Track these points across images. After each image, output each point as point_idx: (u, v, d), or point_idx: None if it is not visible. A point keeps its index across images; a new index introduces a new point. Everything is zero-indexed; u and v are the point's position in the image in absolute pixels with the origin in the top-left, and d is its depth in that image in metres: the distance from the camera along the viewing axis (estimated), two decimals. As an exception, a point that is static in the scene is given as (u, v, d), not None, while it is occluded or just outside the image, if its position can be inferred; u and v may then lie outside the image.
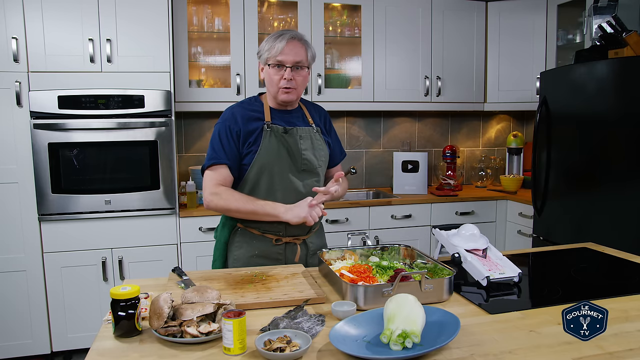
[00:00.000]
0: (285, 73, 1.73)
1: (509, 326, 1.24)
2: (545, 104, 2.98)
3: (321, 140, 1.88)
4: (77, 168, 2.79)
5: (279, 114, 1.83)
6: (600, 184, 2.64)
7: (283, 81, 1.74)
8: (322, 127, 1.93)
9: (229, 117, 1.79)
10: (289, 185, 1.79)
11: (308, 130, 1.84)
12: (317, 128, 1.87)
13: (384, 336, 1.10)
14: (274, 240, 1.82)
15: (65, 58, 2.75)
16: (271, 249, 1.83)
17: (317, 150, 1.85)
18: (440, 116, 4.04)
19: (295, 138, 1.80)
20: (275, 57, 1.73)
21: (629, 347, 1.12)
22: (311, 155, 1.83)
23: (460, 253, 1.59)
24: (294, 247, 1.85)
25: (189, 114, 3.47)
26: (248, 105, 1.85)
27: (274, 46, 1.73)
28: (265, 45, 1.76)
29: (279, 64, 1.73)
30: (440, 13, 3.59)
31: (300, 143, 1.81)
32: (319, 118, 1.94)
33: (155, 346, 1.14)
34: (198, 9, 3.29)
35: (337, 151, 2.01)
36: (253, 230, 1.83)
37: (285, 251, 1.85)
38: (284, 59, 1.73)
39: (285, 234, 1.83)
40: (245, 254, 1.83)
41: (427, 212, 3.40)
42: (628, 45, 2.63)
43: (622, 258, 1.86)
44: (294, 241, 1.84)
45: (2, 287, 2.79)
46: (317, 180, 1.87)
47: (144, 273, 2.89)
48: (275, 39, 1.74)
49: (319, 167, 1.86)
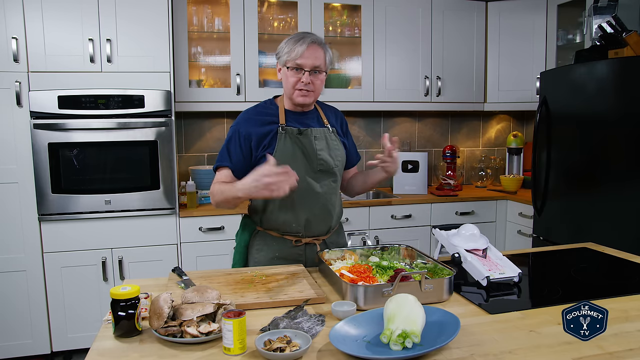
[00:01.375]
0: (304, 77, 1.74)
1: (509, 326, 1.24)
2: (545, 104, 2.98)
3: (337, 140, 1.87)
4: (77, 168, 2.79)
5: (294, 116, 1.83)
6: (600, 184, 2.64)
7: (300, 84, 1.75)
8: (338, 128, 1.92)
9: (241, 120, 1.81)
10: (305, 186, 1.78)
11: (323, 131, 1.84)
12: (332, 128, 1.87)
13: (384, 336, 1.10)
14: (294, 241, 1.82)
15: (65, 58, 2.75)
16: (291, 250, 1.82)
17: (332, 150, 1.84)
18: (440, 116, 4.04)
19: (310, 139, 1.80)
20: (295, 60, 1.73)
21: (629, 347, 1.12)
22: (327, 156, 1.82)
23: (460, 253, 1.60)
24: (314, 248, 1.84)
25: (189, 114, 3.47)
26: (263, 108, 1.85)
27: (294, 49, 1.73)
28: (285, 48, 1.76)
29: (297, 67, 1.74)
30: (440, 13, 3.59)
31: (316, 144, 1.80)
32: (334, 119, 1.93)
33: (155, 346, 1.14)
34: (198, 9, 3.29)
35: (354, 153, 2.02)
36: (272, 233, 1.83)
37: (306, 252, 1.84)
38: (303, 62, 1.73)
39: (305, 235, 1.82)
40: (266, 256, 1.83)
41: (427, 212, 3.40)
42: (628, 45, 2.63)
43: (622, 258, 1.86)
44: (313, 241, 1.84)
45: (2, 287, 2.79)
46: (334, 180, 1.86)
47: (144, 273, 2.89)
48: (295, 42, 1.74)
49: (335, 167, 1.85)
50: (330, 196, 1.83)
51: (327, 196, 1.82)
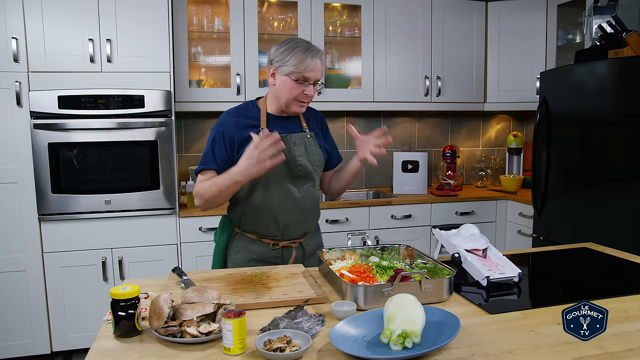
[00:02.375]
0: (308, 89, 1.76)
1: (509, 326, 1.24)
2: (545, 104, 2.98)
3: (315, 145, 1.88)
4: (77, 168, 2.79)
5: (276, 120, 1.84)
6: (600, 184, 2.64)
7: (303, 96, 1.77)
8: (319, 131, 1.94)
9: (223, 122, 1.80)
10: (284, 192, 1.80)
11: (302, 136, 1.85)
12: (311, 133, 1.89)
13: (384, 336, 1.10)
14: (271, 244, 1.85)
15: (65, 58, 2.75)
16: (268, 253, 1.85)
17: (311, 155, 1.86)
18: (440, 116, 4.04)
19: (290, 145, 1.81)
20: (302, 73, 1.73)
21: (629, 347, 1.12)
22: (306, 162, 1.83)
23: (460, 253, 1.59)
24: (291, 251, 1.87)
25: (189, 114, 3.47)
26: (244, 110, 1.85)
27: (303, 62, 1.72)
28: (291, 58, 1.72)
29: (303, 79, 1.74)
30: (440, 13, 3.59)
31: (295, 150, 1.81)
32: (315, 122, 1.95)
33: (155, 346, 1.14)
34: (198, 9, 3.29)
35: (335, 154, 2.02)
36: (251, 235, 1.85)
37: (283, 255, 1.87)
38: (310, 75, 1.74)
39: (282, 238, 1.85)
40: (244, 258, 1.85)
41: (427, 212, 3.40)
42: (628, 45, 2.63)
43: (622, 258, 1.86)
44: (290, 245, 1.87)
45: (2, 287, 2.79)
46: (313, 185, 1.88)
47: (144, 273, 2.89)
48: (304, 54, 1.72)
49: (314, 172, 1.87)
50: (308, 201, 1.85)
51: (305, 201, 1.83)
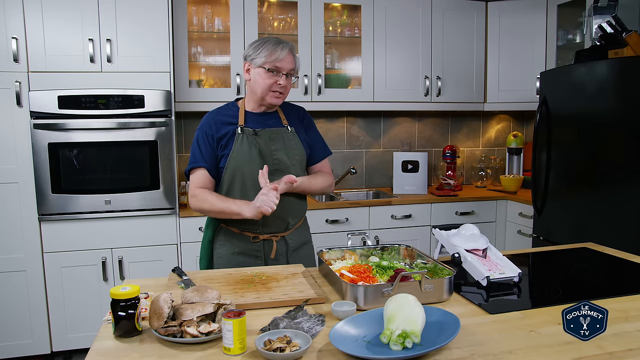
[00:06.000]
0: (281, 79, 1.82)
1: (509, 326, 1.24)
2: (545, 104, 2.98)
3: (295, 139, 1.92)
4: (77, 168, 2.79)
5: (254, 117, 1.90)
6: (600, 184, 2.64)
7: (277, 86, 1.83)
8: (300, 127, 1.97)
9: (204, 123, 1.90)
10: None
11: (280, 131, 1.90)
12: (291, 128, 1.92)
13: (384, 336, 1.10)
14: (252, 237, 1.89)
15: (65, 58, 2.75)
16: (250, 246, 1.89)
17: (289, 149, 1.89)
18: (440, 116, 4.04)
19: (266, 139, 1.86)
20: (274, 63, 1.80)
21: (629, 347, 1.12)
22: (283, 155, 1.87)
23: (460, 253, 1.60)
24: (272, 244, 1.90)
25: (189, 114, 3.47)
26: (224, 110, 1.93)
27: (274, 52, 1.80)
28: (262, 50, 1.81)
29: (276, 69, 1.81)
30: (440, 13, 3.59)
31: (271, 144, 1.86)
32: (296, 118, 1.98)
33: (155, 346, 1.14)
34: (198, 9, 3.29)
35: (320, 149, 2.03)
36: (233, 229, 1.90)
37: (264, 248, 1.90)
38: (282, 65, 1.81)
39: (262, 232, 1.89)
40: (227, 251, 1.91)
41: (427, 212, 3.40)
42: (628, 45, 2.63)
43: (621, 258, 1.86)
44: (271, 238, 1.90)
45: (2, 287, 2.79)
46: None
47: (144, 273, 2.89)
48: (275, 45, 1.81)
49: (292, 167, 1.89)
50: (287, 195, 1.86)
51: (283, 195, 1.83)
